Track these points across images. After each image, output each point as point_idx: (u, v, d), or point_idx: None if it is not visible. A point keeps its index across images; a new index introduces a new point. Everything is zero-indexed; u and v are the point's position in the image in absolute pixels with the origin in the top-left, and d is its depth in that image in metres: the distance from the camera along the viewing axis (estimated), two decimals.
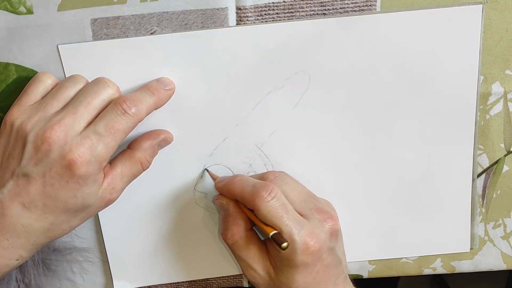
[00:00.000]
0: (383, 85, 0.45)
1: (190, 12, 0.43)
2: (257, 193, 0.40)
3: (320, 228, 0.41)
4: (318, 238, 0.40)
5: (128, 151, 0.42)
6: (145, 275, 0.50)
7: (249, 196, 0.40)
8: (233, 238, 0.42)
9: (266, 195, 0.40)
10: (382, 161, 0.47)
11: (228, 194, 0.43)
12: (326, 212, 0.42)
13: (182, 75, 0.44)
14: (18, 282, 0.45)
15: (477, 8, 0.43)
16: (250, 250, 0.42)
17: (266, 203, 0.39)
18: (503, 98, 0.47)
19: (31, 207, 0.38)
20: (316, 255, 0.40)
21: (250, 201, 0.40)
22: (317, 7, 0.43)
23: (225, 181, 0.44)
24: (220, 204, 0.44)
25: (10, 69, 0.43)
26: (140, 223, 0.48)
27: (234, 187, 0.42)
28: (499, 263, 0.51)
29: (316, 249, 0.39)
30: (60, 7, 0.42)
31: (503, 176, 0.49)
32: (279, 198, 0.40)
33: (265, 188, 0.40)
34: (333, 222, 0.42)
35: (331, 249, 0.41)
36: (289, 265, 0.40)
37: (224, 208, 0.44)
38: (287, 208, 0.40)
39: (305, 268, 0.40)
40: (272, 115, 0.45)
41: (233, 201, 0.43)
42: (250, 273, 0.42)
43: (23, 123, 0.38)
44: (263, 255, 0.42)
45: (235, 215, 0.43)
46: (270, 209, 0.39)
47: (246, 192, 0.41)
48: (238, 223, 0.42)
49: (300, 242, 0.39)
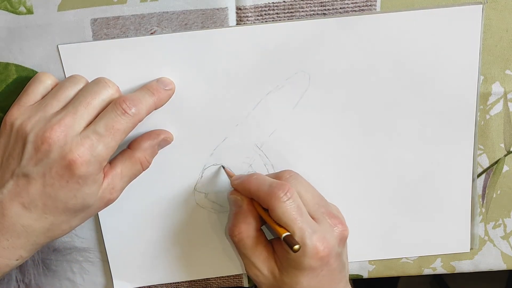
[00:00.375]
0: (383, 85, 0.45)
1: (190, 12, 0.43)
2: (273, 193, 0.40)
3: (331, 233, 0.41)
4: (328, 244, 0.40)
5: (128, 151, 0.42)
6: (145, 275, 0.50)
7: (265, 195, 0.40)
8: (240, 236, 0.42)
9: (283, 195, 0.40)
10: (382, 161, 0.47)
11: (244, 192, 0.43)
12: (337, 217, 0.42)
13: (182, 75, 0.44)
14: (18, 282, 0.45)
15: (477, 8, 0.43)
16: (256, 250, 0.42)
17: (282, 204, 0.39)
18: (503, 98, 0.47)
19: (31, 207, 0.38)
20: (324, 260, 0.40)
21: (266, 200, 0.40)
22: (317, 7, 0.43)
23: (241, 178, 0.43)
24: (234, 199, 0.44)
25: (10, 69, 0.43)
26: (140, 223, 0.48)
27: (250, 185, 0.42)
28: (499, 263, 0.51)
29: (325, 254, 0.39)
30: (60, 7, 0.42)
31: (503, 176, 0.49)
32: (295, 199, 0.40)
33: (281, 188, 0.40)
34: (343, 228, 0.42)
35: (339, 254, 0.41)
36: (296, 267, 0.40)
37: (238, 205, 0.43)
38: (302, 211, 0.40)
39: (311, 272, 0.40)
40: (272, 115, 0.45)
41: (247, 199, 0.43)
42: (254, 272, 0.42)
43: (23, 123, 0.38)
44: (269, 256, 0.42)
45: (247, 213, 0.42)
46: (285, 209, 0.39)
47: (262, 190, 0.41)
48: (249, 221, 0.42)
49: (311, 246, 0.39)
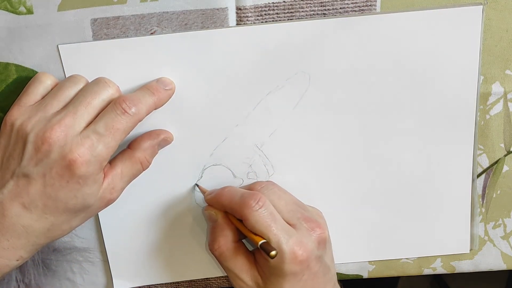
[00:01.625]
0: (383, 85, 0.45)
1: (190, 12, 0.43)
2: (245, 203, 0.40)
3: (308, 237, 0.41)
4: (306, 247, 0.40)
5: (128, 151, 0.42)
6: (145, 275, 0.50)
7: (237, 205, 0.41)
8: (220, 250, 0.42)
9: (254, 204, 0.40)
10: (382, 161, 0.47)
11: (217, 206, 0.43)
12: (314, 221, 0.42)
13: (182, 75, 0.44)
14: (18, 282, 0.45)
15: (477, 9, 0.43)
16: (238, 261, 0.42)
17: (254, 212, 0.40)
18: (503, 98, 0.47)
19: (31, 207, 0.38)
20: (304, 264, 0.40)
21: (238, 210, 0.40)
22: (317, 7, 0.43)
23: (214, 193, 0.44)
24: (209, 214, 0.44)
25: (10, 69, 0.43)
26: (140, 223, 0.48)
27: (222, 198, 0.42)
28: (499, 263, 0.51)
29: (304, 258, 0.40)
30: (60, 7, 0.42)
31: (503, 176, 0.49)
32: (267, 207, 0.40)
33: (252, 197, 0.40)
34: (321, 231, 0.42)
35: (319, 257, 0.41)
36: (278, 274, 0.40)
37: (213, 219, 0.44)
38: (275, 217, 0.40)
39: (293, 277, 0.40)
40: (272, 115, 0.45)
41: (222, 212, 0.43)
42: (238, 284, 0.42)
43: (23, 124, 0.38)
44: (251, 265, 0.42)
45: (223, 226, 0.43)
46: (258, 218, 0.39)
47: (234, 202, 0.41)
48: (226, 234, 0.42)
49: (288, 251, 0.39)
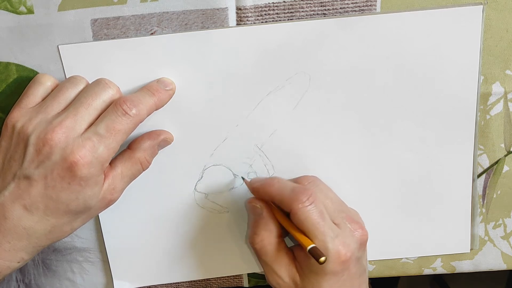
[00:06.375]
0: (384, 85, 0.45)
1: (190, 12, 0.43)
2: (296, 197, 0.39)
3: (351, 238, 0.40)
4: (349, 248, 0.40)
5: (128, 151, 0.42)
6: (145, 275, 0.50)
7: (287, 199, 0.40)
8: (262, 243, 0.42)
9: (305, 199, 0.39)
10: (382, 161, 0.47)
11: (264, 195, 0.43)
12: (356, 222, 0.42)
13: (182, 75, 0.44)
14: (18, 282, 0.45)
15: (477, 8, 0.43)
16: (278, 257, 0.42)
17: (304, 208, 0.39)
18: (503, 98, 0.47)
19: (33, 209, 0.38)
20: (345, 264, 0.40)
21: (288, 204, 0.40)
22: (317, 7, 0.43)
23: (262, 181, 0.43)
24: (253, 207, 0.43)
25: (10, 69, 0.43)
26: (140, 223, 0.48)
27: (272, 189, 0.42)
28: (499, 263, 0.51)
29: (347, 259, 0.39)
30: (61, 7, 0.42)
31: (503, 176, 0.49)
32: (317, 204, 0.40)
33: (304, 193, 0.40)
34: (363, 232, 0.42)
35: (359, 258, 0.41)
36: (318, 272, 0.40)
37: (257, 213, 0.43)
38: (324, 216, 0.40)
39: (333, 276, 0.40)
40: (272, 115, 0.45)
41: (267, 206, 0.43)
42: (274, 279, 0.42)
43: (24, 126, 0.38)
44: (290, 262, 0.42)
45: (267, 220, 0.42)
46: (308, 214, 0.39)
47: (284, 194, 0.40)
48: (270, 229, 0.42)
49: (333, 251, 0.39)
